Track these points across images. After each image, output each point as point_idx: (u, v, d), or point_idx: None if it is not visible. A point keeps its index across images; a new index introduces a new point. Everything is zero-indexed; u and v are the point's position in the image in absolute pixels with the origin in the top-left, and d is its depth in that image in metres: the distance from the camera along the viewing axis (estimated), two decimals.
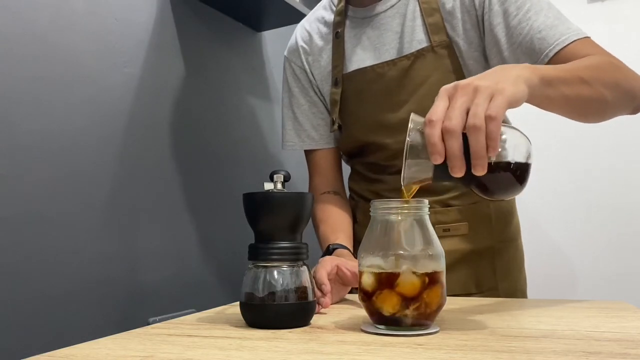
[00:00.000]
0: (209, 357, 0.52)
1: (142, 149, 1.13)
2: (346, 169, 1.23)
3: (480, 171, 0.59)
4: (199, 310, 0.86)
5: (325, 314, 0.77)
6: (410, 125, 0.63)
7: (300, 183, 1.34)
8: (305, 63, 1.15)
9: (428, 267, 0.61)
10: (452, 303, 0.86)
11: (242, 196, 0.69)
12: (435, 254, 0.62)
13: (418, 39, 1.01)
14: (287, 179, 0.70)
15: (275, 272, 0.67)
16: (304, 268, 0.69)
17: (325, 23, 1.14)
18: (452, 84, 0.63)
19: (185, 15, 1.27)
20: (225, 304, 0.90)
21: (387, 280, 0.61)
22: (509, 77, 0.65)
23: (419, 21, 1.01)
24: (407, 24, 1.02)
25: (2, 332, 0.83)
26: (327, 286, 0.81)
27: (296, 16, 1.47)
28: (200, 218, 1.28)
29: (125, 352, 0.55)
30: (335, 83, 1.10)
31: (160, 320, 0.98)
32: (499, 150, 0.60)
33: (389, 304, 0.61)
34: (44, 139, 0.92)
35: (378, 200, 0.65)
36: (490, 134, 0.58)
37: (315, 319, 0.71)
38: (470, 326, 0.66)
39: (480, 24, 0.97)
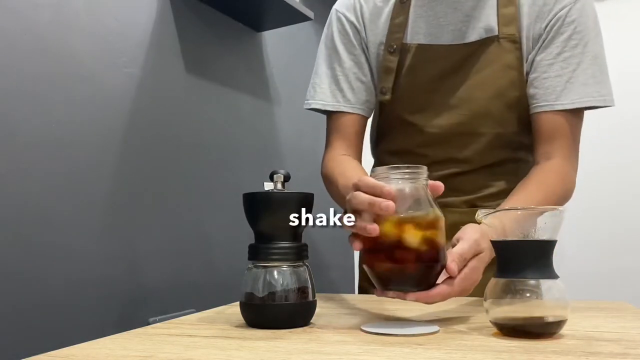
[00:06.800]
0: (209, 357, 0.52)
1: (142, 149, 1.13)
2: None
3: None
4: (199, 310, 0.85)
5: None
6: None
7: (300, 183, 1.34)
8: (360, 19, 1.06)
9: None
10: (453, 303, 0.86)
11: (242, 196, 0.69)
12: (428, 214, 0.63)
13: (487, 27, 0.98)
14: (287, 179, 0.70)
15: (275, 272, 0.67)
16: (304, 268, 0.69)
17: None
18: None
19: (185, 15, 1.27)
20: (225, 304, 0.89)
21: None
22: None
23: (493, 9, 0.99)
24: (481, 10, 0.99)
25: (2, 332, 0.83)
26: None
27: (296, 16, 1.47)
28: (200, 218, 1.28)
29: (125, 352, 0.55)
30: (392, 50, 1.03)
31: (160, 320, 0.98)
32: None
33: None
34: (44, 138, 0.92)
35: (379, 167, 0.66)
36: None
37: (315, 319, 0.71)
38: (470, 326, 0.66)
39: (543, 34, 0.97)
